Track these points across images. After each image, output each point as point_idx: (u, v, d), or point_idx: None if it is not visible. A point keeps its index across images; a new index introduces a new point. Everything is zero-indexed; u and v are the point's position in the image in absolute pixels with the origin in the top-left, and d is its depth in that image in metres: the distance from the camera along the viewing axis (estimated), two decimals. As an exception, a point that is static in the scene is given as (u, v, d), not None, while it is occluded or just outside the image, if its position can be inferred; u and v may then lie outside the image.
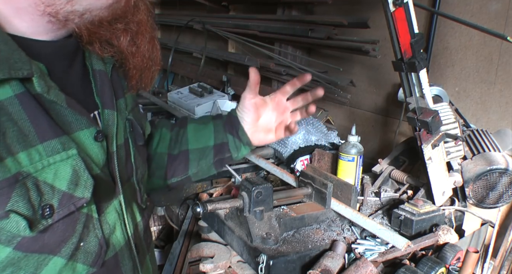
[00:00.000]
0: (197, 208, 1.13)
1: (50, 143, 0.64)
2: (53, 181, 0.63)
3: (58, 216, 0.64)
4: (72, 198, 0.66)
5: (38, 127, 0.63)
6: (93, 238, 0.71)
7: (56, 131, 0.65)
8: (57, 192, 0.64)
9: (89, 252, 0.70)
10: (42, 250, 0.64)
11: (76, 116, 0.69)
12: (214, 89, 2.96)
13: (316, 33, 2.35)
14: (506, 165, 1.37)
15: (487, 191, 1.40)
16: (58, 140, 0.65)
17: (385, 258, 1.17)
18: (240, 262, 1.27)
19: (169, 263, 1.74)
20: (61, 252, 0.66)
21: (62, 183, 0.64)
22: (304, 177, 1.41)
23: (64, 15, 0.65)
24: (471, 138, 1.54)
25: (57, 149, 0.64)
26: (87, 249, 0.70)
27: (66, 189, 0.65)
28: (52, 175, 0.63)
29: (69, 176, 0.65)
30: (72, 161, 0.66)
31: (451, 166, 1.47)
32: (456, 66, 1.97)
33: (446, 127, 1.39)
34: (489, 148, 1.46)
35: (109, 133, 0.77)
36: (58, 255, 0.66)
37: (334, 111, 2.63)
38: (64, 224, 0.66)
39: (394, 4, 1.24)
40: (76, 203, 0.66)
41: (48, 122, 0.64)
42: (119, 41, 0.76)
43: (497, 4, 1.77)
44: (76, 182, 0.66)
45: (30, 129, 0.62)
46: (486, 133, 1.58)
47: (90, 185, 0.68)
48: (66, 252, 0.67)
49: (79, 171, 0.66)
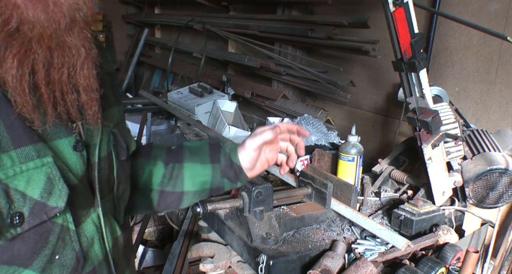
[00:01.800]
0: (197, 208, 1.13)
1: (24, 149, 0.61)
2: (25, 188, 0.61)
3: (28, 225, 0.62)
4: (45, 207, 0.63)
5: (12, 133, 0.60)
6: (69, 251, 0.68)
7: (31, 138, 0.62)
8: (29, 200, 0.62)
9: (65, 265, 0.67)
10: (12, 261, 0.62)
11: (56, 124, 0.66)
12: (214, 89, 2.96)
13: (316, 33, 2.35)
14: (506, 165, 1.36)
15: (487, 191, 1.40)
16: (33, 146, 0.62)
17: (385, 258, 1.17)
18: (240, 262, 1.27)
19: (169, 263, 1.74)
20: (32, 265, 0.64)
21: (34, 191, 0.62)
22: (304, 177, 1.41)
23: None
24: (471, 138, 1.54)
25: (31, 155, 0.62)
26: (63, 263, 0.67)
27: (39, 197, 0.62)
28: (24, 182, 0.61)
29: (42, 184, 0.63)
30: (47, 169, 0.63)
31: (451, 166, 1.47)
32: (456, 66, 1.97)
33: (446, 127, 1.39)
34: (489, 148, 1.46)
35: (91, 144, 0.73)
36: (30, 268, 0.64)
37: (334, 111, 2.63)
38: (35, 234, 0.63)
39: (394, 4, 1.24)
40: (48, 212, 0.63)
41: (23, 128, 0.62)
42: None
43: (497, 4, 1.77)
44: (50, 190, 0.63)
45: (4, 135, 0.60)
46: (486, 133, 1.58)
47: (65, 194, 0.65)
48: (39, 264, 0.64)
49: (54, 179, 0.64)
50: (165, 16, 4.49)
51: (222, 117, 2.47)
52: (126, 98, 3.65)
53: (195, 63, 3.64)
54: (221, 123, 2.44)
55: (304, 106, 2.62)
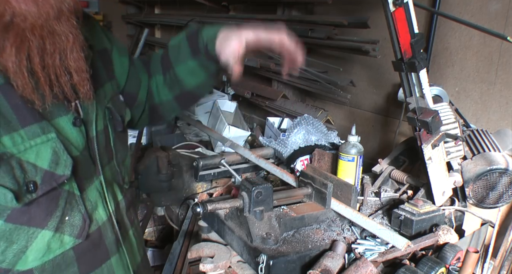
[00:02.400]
0: (197, 208, 1.13)
1: (31, 128, 0.70)
2: (35, 160, 0.70)
3: (41, 191, 0.71)
4: (54, 175, 0.73)
5: (19, 114, 0.70)
6: (77, 213, 0.78)
7: (35, 118, 0.71)
8: (40, 170, 0.71)
9: (74, 225, 0.78)
10: (30, 223, 0.72)
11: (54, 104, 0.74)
12: (214, 89, 2.96)
13: (316, 33, 2.35)
14: (506, 165, 1.36)
15: (487, 191, 1.40)
16: (37, 125, 0.71)
17: (385, 258, 1.17)
18: (240, 262, 1.27)
19: (169, 263, 1.74)
20: (47, 225, 0.74)
21: (43, 162, 0.71)
22: (304, 177, 1.41)
23: None
24: (471, 138, 1.54)
25: (37, 132, 0.71)
26: (72, 223, 0.78)
27: (48, 167, 0.72)
28: (34, 155, 0.70)
29: (49, 156, 0.72)
30: (52, 143, 0.73)
31: (451, 166, 1.47)
32: (456, 66, 1.97)
33: (446, 127, 1.39)
34: (489, 148, 1.46)
35: (88, 120, 0.83)
36: (46, 228, 0.74)
37: (334, 111, 2.63)
38: (47, 199, 0.73)
39: (394, 4, 1.23)
40: (57, 179, 0.73)
41: (27, 110, 0.71)
42: None
43: (497, 4, 1.77)
44: (57, 161, 0.73)
45: (13, 117, 0.69)
46: (486, 133, 1.58)
47: (70, 164, 0.75)
48: (52, 225, 0.75)
49: (59, 151, 0.73)
50: (165, 16, 4.49)
51: (222, 117, 2.47)
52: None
53: (195, 63, 3.64)
54: (221, 123, 2.44)
55: (304, 106, 2.62)
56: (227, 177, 1.83)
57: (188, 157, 2.00)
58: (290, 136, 1.80)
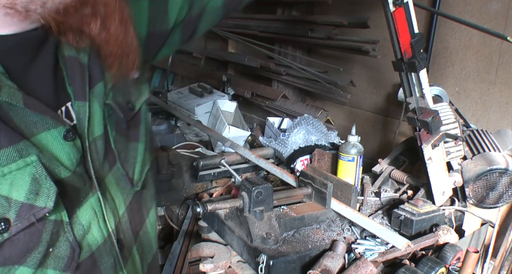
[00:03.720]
0: (197, 208, 1.13)
1: (4, 152, 0.57)
2: (8, 192, 0.58)
3: (16, 229, 0.59)
4: (33, 208, 0.60)
5: None
6: (63, 243, 0.66)
7: (10, 138, 0.59)
8: (14, 203, 0.58)
9: (60, 256, 0.65)
10: (5, 263, 0.60)
11: (38, 116, 0.62)
12: (214, 89, 2.96)
13: (316, 33, 2.35)
14: (506, 165, 1.36)
15: (487, 191, 1.40)
16: (13, 147, 0.58)
17: (385, 258, 1.17)
18: (240, 262, 1.27)
19: (169, 263, 1.74)
20: (27, 262, 0.62)
21: (19, 194, 0.59)
22: (304, 177, 1.41)
23: (23, 6, 0.57)
24: (471, 138, 1.54)
25: (13, 157, 0.58)
26: (57, 254, 0.65)
27: (25, 199, 0.59)
28: (8, 186, 0.58)
29: (27, 185, 0.59)
30: (32, 169, 0.60)
31: (451, 166, 1.47)
32: (456, 66, 1.97)
33: (446, 128, 1.39)
34: (489, 147, 1.46)
35: (82, 127, 0.70)
36: (24, 265, 0.61)
37: (334, 111, 2.63)
38: (26, 235, 0.61)
39: (394, 4, 1.24)
40: (37, 213, 0.60)
41: (1, 128, 0.58)
42: (89, 28, 0.67)
43: (497, 4, 1.77)
44: (37, 191, 0.60)
45: None
46: (486, 133, 1.58)
47: (53, 193, 0.61)
48: (33, 261, 0.62)
49: (40, 178, 0.60)
50: (165, 16, 4.49)
51: (222, 117, 2.47)
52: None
53: (195, 63, 3.64)
54: (221, 123, 2.44)
55: (304, 106, 2.62)
56: (227, 177, 1.83)
57: (188, 157, 2.00)
58: (290, 136, 1.80)
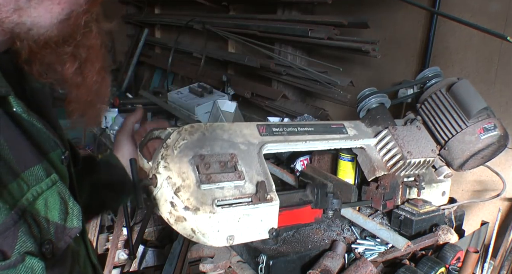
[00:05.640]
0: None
1: (33, 171, 0.55)
2: (45, 213, 0.55)
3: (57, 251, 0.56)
4: (65, 228, 0.58)
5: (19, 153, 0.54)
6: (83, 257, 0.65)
7: (37, 157, 0.57)
8: (52, 224, 0.56)
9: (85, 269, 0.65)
10: None
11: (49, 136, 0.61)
12: (214, 89, 2.96)
13: (316, 33, 2.35)
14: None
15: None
16: (40, 165, 0.56)
17: (385, 258, 1.17)
18: (240, 262, 1.27)
19: (169, 263, 1.74)
20: None
21: (53, 214, 0.56)
22: (304, 177, 1.41)
23: (9, 27, 0.56)
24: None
25: (41, 176, 0.56)
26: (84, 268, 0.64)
27: (59, 219, 0.57)
28: (43, 206, 0.55)
29: (58, 205, 0.57)
30: (57, 187, 0.58)
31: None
32: (456, 66, 1.97)
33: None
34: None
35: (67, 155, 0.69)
36: None
37: (334, 111, 2.63)
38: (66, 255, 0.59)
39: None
40: (70, 233, 0.58)
41: (29, 147, 0.56)
42: (63, 67, 0.64)
43: (497, 4, 1.77)
44: (66, 210, 0.58)
45: (10, 157, 0.53)
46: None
47: (78, 211, 0.59)
48: None
49: (65, 197, 0.58)
50: (165, 16, 4.49)
51: (222, 117, 2.47)
52: (126, 98, 3.65)
53: (195, 63, 3.64)
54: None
55: (304, 106, 2.62)
56: (227, 177, 1.83)
57: (188, 157, 1.99)
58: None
